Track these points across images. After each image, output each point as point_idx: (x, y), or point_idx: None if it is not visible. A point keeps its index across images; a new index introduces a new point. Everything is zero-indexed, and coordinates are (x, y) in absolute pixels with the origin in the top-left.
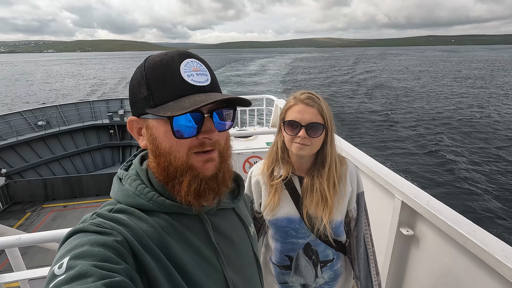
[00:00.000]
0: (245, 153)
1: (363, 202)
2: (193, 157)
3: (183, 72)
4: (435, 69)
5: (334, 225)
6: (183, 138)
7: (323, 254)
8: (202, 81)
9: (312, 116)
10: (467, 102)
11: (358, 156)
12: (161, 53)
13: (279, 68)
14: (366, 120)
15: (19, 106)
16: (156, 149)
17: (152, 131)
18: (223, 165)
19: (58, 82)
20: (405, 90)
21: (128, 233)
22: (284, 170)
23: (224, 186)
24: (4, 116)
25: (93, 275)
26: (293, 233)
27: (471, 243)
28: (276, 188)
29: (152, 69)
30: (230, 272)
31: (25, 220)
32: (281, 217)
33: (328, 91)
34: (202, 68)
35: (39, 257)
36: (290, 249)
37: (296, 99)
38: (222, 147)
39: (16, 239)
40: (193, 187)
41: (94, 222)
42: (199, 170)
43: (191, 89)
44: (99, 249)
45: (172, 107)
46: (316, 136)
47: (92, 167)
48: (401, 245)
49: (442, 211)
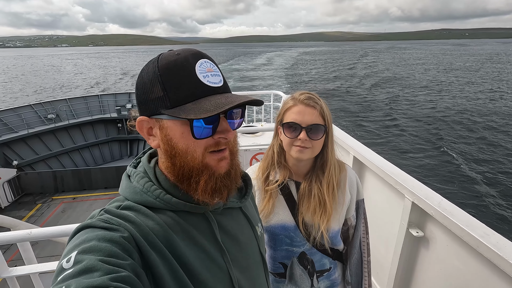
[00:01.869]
0: (252, 150)
1: (362, 210)
2: (208, 156)
3: (198, 73)
4: (432, 62)
5: (331, 234)
6: (201, 139)
7: (319, 263)
8: (216, 82)
9: (313, 117)
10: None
11: (367, 154)
12: (173, 53)
13: (285, 61)
14: (368, 116)
15: (66, 93)
16: (172, 150)
17: (167, 131)
18: (234, 162)
19: (91, 72)
20: (400, 85)
21: (134, 230)
22: (280, 175)
23: (236, 183)
24: (15, 109)
25: (100, 270)
26: (287, 241)
27: (484, 247)
28: (271, 194)
29: (167, 70)
30: (236, 271)
31: (36, 211)
32: (275, 224)
33: (329, 85)
34: (215, 69)
35: (49, 248)
36: (284, 256)
37: (295, 99)
38: (231, 145)
39: (27, 234)
40: (210, 185)
41: (102, 218)
42: (214, 168)
43: (207, 91)
44: (106, 244)
45: (193, 109)
46: (317, 138)
47: (100, 160)
48: (410, 246)
49: (455, 213)
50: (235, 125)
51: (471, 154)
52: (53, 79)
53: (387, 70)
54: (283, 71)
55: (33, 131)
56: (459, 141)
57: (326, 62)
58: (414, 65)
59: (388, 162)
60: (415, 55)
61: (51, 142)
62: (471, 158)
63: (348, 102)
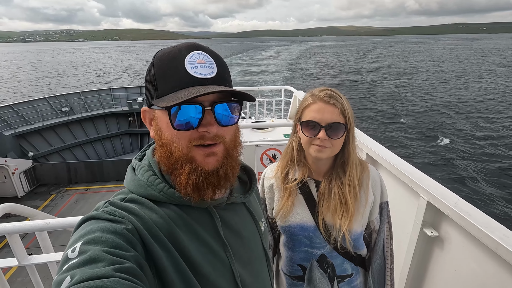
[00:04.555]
0: (262, 145)
1: (386, 213)
2: (194, 150)
3: (187, 64)
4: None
5: (353, 236)
6: (182, 130)
7: (340, 268)
8: (205, 73)
9: (333, 116)
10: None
11: (381, 152)
12: (171, 46)
13: (292, 54)
14: (372, 114)
15: (116, 84)
16: (160, 139)
17: (157, 121)
18: (228, 161)
19: (133, 62)
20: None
21: (138, 222)
22: (299, 173)
23: (227, 182)
24: (31, 101)
25: (104, 260)
26: (306, 242)
27: (503, 249)
28: (290, 192)
29: (160, 61)
30: (238, 265)
31: (50, 201)
32: (294, 223)
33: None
34: (208, 61)
35: (63, 237)
36: (303, 258)
37: (314, 96)
38: (227, 143)
39: (45, 223)
40: (192, 179)
41: (107, 210)
42: (199, 163)
43: (192, 81)
44: (110, 236)
45: (169, 98)
46: (337, 138)
47: (112, 153)
48: (423, 246)
49: (472, 214)
50: (228, 121)
51: (489, 155)
52: (92, 70)
53: (382, 62)
54: (287, 64)
55: (48, 124)
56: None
57: (328, 56)
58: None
59: (403, 160)
60: (412, 50)
61: (65, 135)
62: (488, 159)
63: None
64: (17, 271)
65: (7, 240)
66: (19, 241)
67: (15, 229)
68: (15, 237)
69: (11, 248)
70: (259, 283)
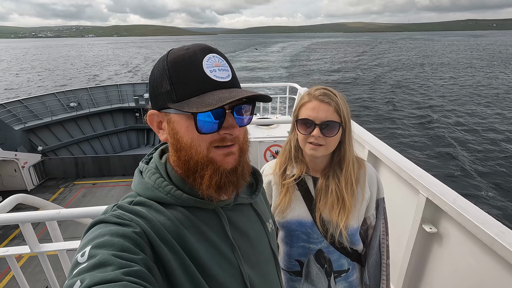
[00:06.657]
0: (266, 141)
1: (382, 209)
2: (214, 151)
3: (205, 68)
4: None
5: (350, 232)
6: (205, 133)
7: (337, 263)
8: (224, 76)
9: (327, 114)
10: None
11: (383, 149)
12: (183, 47)
13: (293, 50)
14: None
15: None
16: (177, 143)
17: (173, 125)
18: (242, 159)
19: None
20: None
21: (146, 225)
22: (297, 169)
23: (243, 180)
24: (40, 97)
25: (113, 264)
26: (304, 237)
27: (499, 245)
28: (288, 188)
29: (175, 64)
30: (246, 267)
31: (59, 195)
32: (292, 219)
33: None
34: (223, 64)
35: (71, 229)
36: (301, 253)
37: (310, 95)
38: (241, 142)
39: (56, 213)
40: (214, 180)
41: (115, 214)
42: (219, 163)
43: (213, 85)
44: (118, 239)
45: (197, 103)
46: (331, 136)
47: (119, 148)
48: (422, 242)
49: (470, 211)
50: (243, 122)
51: (489, 153)
52: (112, 65)
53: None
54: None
55: (56, 119)
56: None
57: (328, 51)
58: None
59: (404, 157)
60: (409, 47)
61: (73, 129)
62: (487, 157)
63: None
64: (27, 261)
65: (20, 228)
66: (31, 229)
67: (27, 218)
68: (28, 225)
69: (24, 236)
70: (268, 284)
